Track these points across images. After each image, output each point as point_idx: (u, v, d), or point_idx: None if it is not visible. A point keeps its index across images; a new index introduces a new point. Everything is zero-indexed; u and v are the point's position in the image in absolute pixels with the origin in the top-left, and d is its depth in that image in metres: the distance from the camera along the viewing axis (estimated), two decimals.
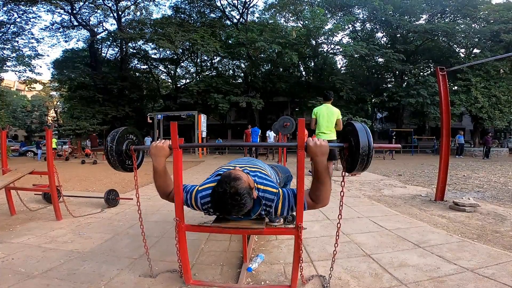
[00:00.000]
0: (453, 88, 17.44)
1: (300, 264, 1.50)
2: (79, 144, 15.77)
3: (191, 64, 23.93)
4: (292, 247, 2.21)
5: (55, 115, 28.78)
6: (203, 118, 15.17)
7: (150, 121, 15.32)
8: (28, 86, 20.99)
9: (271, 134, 12.93)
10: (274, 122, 7.71)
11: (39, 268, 1.77)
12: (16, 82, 24.88)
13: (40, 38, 19.87)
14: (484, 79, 17.29)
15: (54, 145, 14.44)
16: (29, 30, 18.07)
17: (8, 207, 2.97)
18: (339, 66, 24.85)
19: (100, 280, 1.63)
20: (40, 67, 50.17)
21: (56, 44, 25.85)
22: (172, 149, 1.44)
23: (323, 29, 18.08)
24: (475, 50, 19.64)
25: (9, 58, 17.64)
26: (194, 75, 23.61)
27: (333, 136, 4.45)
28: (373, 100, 20.82)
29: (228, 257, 2.00)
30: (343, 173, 1.42)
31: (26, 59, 18.14)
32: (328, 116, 4.35)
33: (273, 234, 1.98)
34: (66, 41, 21.77)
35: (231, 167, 1.50)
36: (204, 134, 15.38)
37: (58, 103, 26.88)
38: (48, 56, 49.71)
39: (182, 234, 1.51)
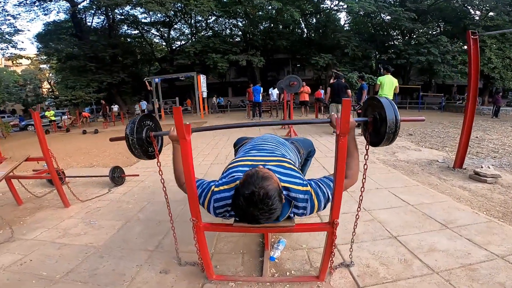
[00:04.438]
0: (464, 47, 16.84)
1: (331, 258, 1.40)
2: (77, 114, 15.58)
3: (185, 26, 22.29)
4: None
5: (49, 86, 27.96)
6: (202, 79, 14.64)
7: (150, 88, 14.78)
8: (14, 62, 20.20)
9: (274, 92, 12.51)
10: (280, 80, 7.44)
11: (59, 270, 1.69)
12: (2, 59, 23.74)
13: (16, 14, 18.65)
14: (499, 41, 16.86)
15: (52, 117, 14.24)
16: (2, 8, 16.73)
17: (13, 196, 2.85)
18: (342, 23, 23.30)
19: (122, 281, 1.56)
20: (22, 42, 49.26)
21: (35, 18, 24.00)
22: (185, 136, 1.22)
23: None
24: (490, 13, 18.13)
25: None
26: (189, 36, 22.12)
27: (391, 97, 6.21)
28: (377, 57, 20.00)
29: (247, 243, 1.91)
30: (367, 146, 1.34)
31: (6, 36, 17.20)
32: (390, 84, 6.10)
33: (305, 231, 1.82)
34: (45, 14, 19.85)
35: (249, 163, 1.29)
36: (204, 95, 15.08)
37: (51, 74, 25.95)
38: (29, 31, 49.65)
39: (201, 234, 1.39)
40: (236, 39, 21.55)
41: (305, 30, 22.42)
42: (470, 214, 2.14)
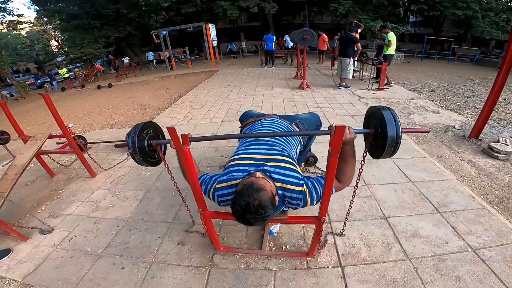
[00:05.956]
0: (509, 4, 14.86)
1: (318, 242, 1.62)
2: (90, 70, 15.75)
3: None
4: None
5: (58, 44, 27.70)
6: (211, 28, 14.01)
7: (157, 40, 14.37)
8: (15, 28, 20.33)
9: (288, 39, 11.89)
10: (294, 30, 7.10)
11: (99, 245, 2.00)
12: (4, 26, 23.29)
13: None
14: None
15: (66, 75, 14.50)
16: None
17: (45, 170, 3.17)
18: None
19: (149, 253, 1.88)
20: (18, 9, 49.50)
21: None
22: (183, 148, 1.26)
23: None
24: None
25: None
26: None
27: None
28: (406, 4, 17.51)
29: None
30: (365, 153, 1.31)
31: (0, 5, 17.41)
32: (395, 41, 6.72)
33: (296, 223, 1.97)
34: None
35: (249, 162, 1.39)
36: (215, 43, 14.70)
37: (57, 32, 25.54)
38: None
39: (208, 221, 1.62)
40: None
41: None
42: (466, 198, 2.13)
